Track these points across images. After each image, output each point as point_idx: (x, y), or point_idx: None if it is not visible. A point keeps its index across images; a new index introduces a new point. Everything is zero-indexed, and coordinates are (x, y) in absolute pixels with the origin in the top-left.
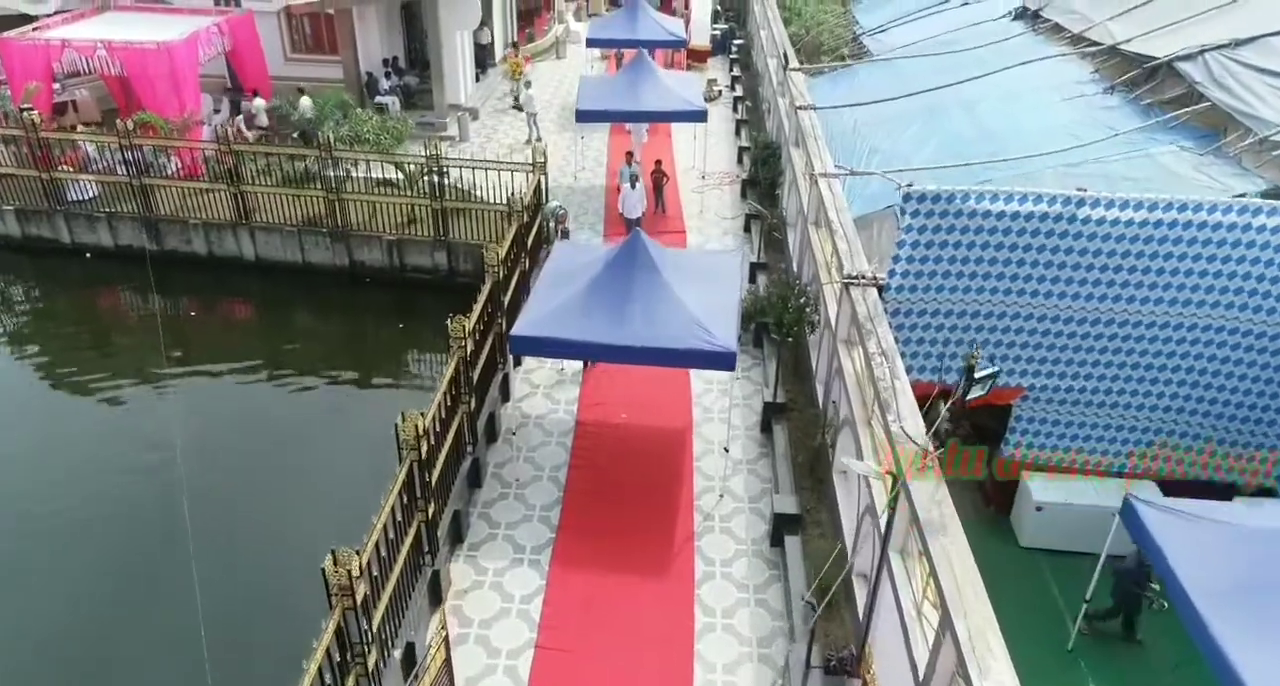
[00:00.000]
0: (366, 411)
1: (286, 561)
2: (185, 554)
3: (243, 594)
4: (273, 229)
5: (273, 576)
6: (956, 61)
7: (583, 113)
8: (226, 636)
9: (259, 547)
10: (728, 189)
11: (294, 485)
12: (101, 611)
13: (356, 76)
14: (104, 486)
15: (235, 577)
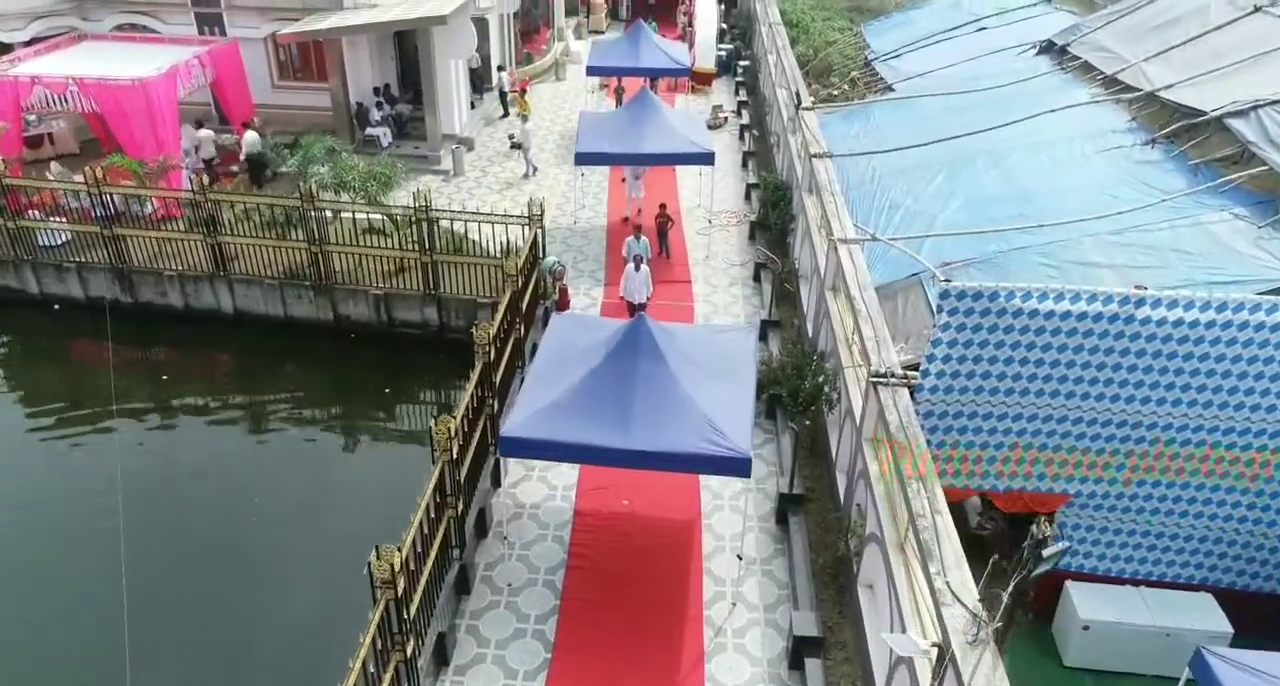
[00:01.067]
0: (350, 475)
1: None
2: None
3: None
4: (252, 281)
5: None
6: (979, 101)
7: (582, 155)
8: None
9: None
10: (735, 229)
11: (260, 562)
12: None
13: (345, 107)
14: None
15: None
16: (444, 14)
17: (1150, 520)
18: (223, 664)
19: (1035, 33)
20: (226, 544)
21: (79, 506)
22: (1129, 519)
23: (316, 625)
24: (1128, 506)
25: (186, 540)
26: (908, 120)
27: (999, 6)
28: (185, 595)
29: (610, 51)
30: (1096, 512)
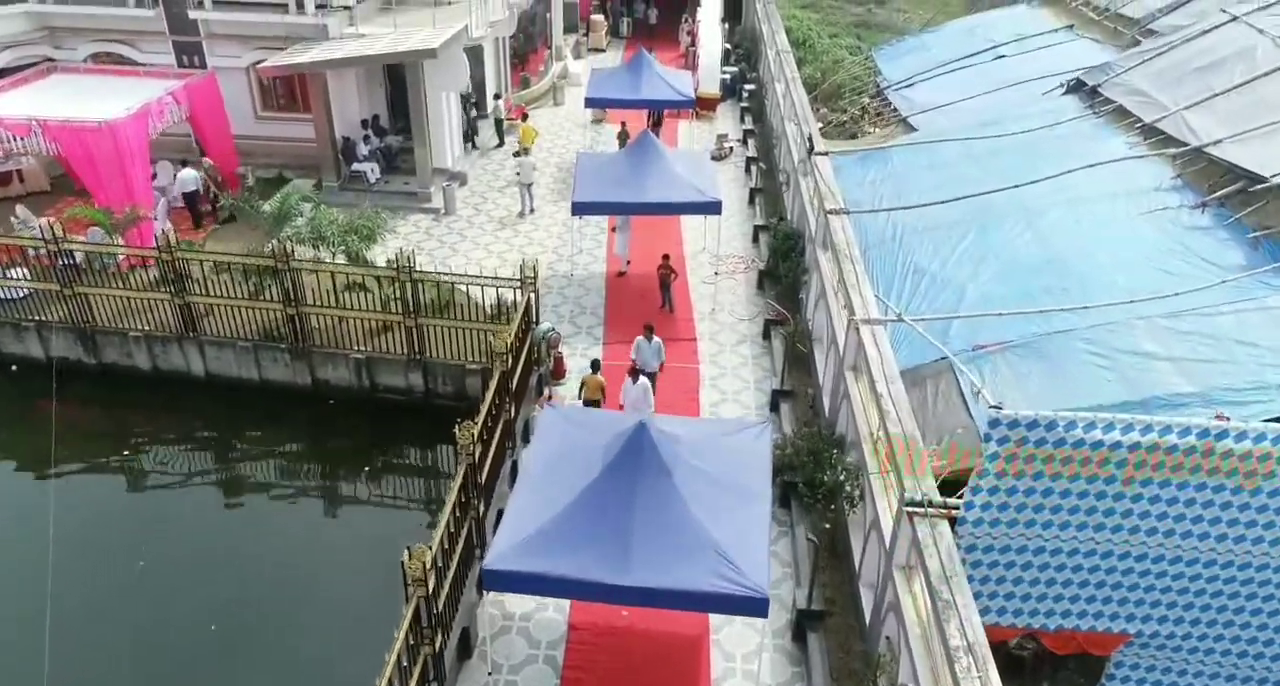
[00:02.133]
0: (321, 558)
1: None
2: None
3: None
4: (224, 343)
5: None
6: (1006, 146)
7: (580, 204)
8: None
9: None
10: (742, 277)
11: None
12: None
13: (331, 141)
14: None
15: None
16: (434, 47)
17: (1220, 662)
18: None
19: (1057, 63)
20: (183, 624)
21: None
22: (1195, 660)
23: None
24: (1195, 647)
25: (139, 616)
26: (928, 166)
27: (1017, 32)
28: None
29: (610, 81)
30: (1159, 652)
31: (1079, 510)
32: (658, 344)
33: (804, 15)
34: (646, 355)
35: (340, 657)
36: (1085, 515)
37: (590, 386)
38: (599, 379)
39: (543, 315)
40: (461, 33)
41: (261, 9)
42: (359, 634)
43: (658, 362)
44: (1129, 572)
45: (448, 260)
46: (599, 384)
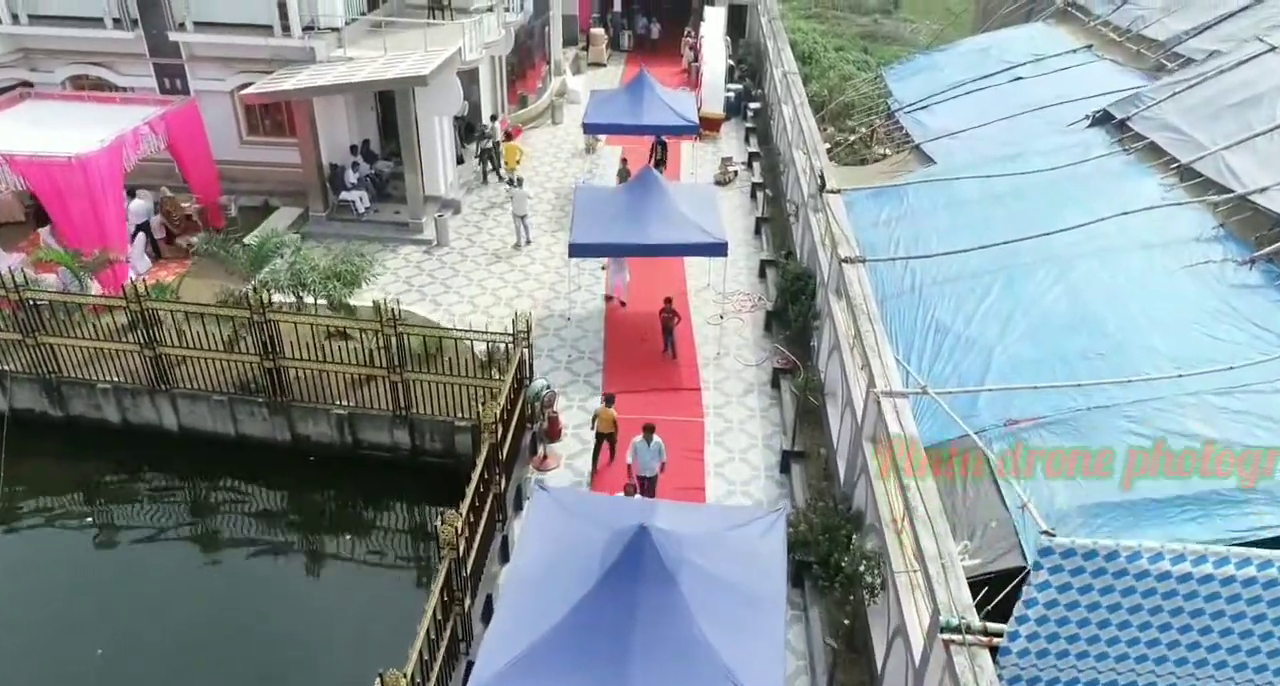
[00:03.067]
0: (296, 626)
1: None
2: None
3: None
4: (198, 396)
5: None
6: (1029, 184)
7: (578, 246)
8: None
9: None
10: (749, 317)
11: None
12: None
13: (317, 169)
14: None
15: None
16: (424, 74)
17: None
18: None
19: (1077, 86)
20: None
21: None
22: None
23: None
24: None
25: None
26: (946, 205)
27: (1033, 52)
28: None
29: (610, 105)
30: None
31: (1139, 642)
32: (658, 445)
33: (808, 27)
34: (646, 458)
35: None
36: (1146, 647)
37: (603, 419)
38: (611, 412)
39: (538, 361)
40: (454, 57)
41: (245, 31)
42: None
43: (658, 464)
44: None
45: (439, 297)
46: (611, 417)
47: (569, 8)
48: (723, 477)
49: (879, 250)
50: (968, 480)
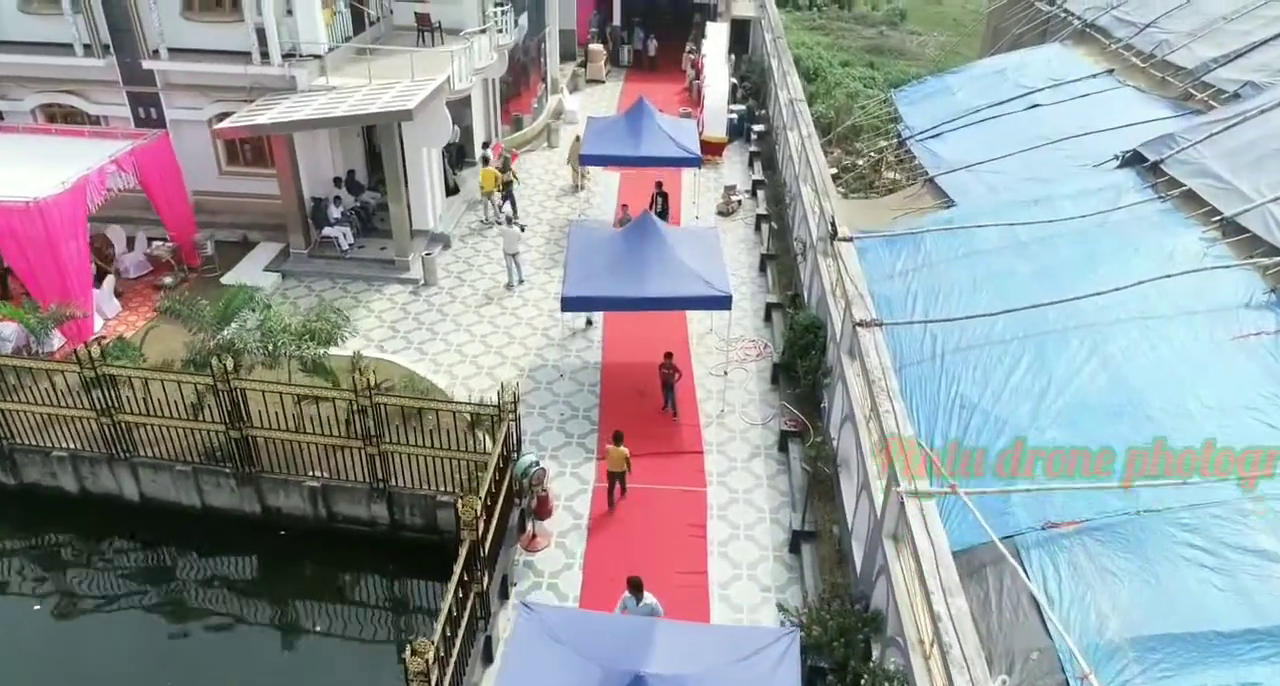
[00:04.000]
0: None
1: None
2: None
3: None
4: (160, 465)
5: None
6: (1057, 232)
7: (571, 299)
8: None
9: None
10: (754, 367)
11: None
12: None
13: (299, 203)
14: None
15: None
16: (409, 108)
17: None
18: None
19: (1100, 115)
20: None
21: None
22: None
23: None
24: None
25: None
26: (966, 254)
27: (1052, 77)
28: None
29: (607, 135)
30: None
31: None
32: (650, 604)
33: (813, 40)
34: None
35: None
36: None
37: (613, 458)
38: (622, 450)
39: (528, 419)
40: (443, 86)
41: (222, 59)
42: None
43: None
44: None
45: (425, 345)
46: (622, 455)
47: (567, 22)
48: (727, 559)
49: (895, 305)
50: (1004, 594)
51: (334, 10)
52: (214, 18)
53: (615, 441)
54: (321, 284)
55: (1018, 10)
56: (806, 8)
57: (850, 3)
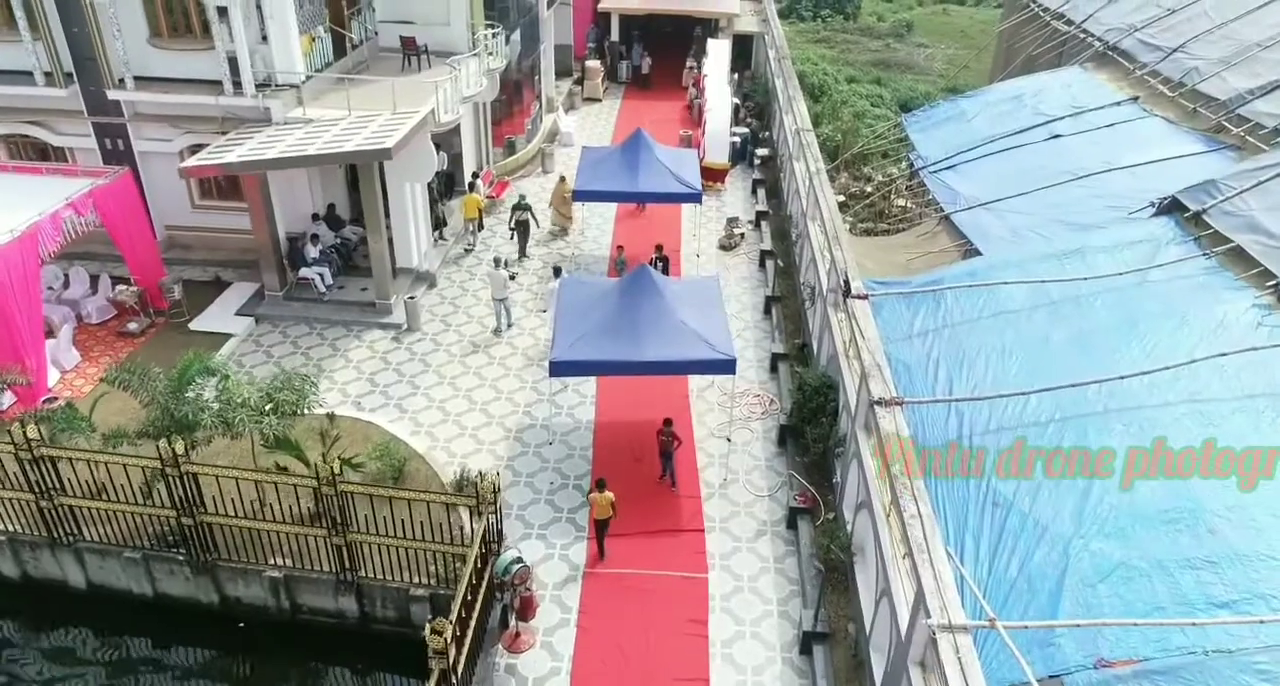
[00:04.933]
0: None
1: None
2: None
3: None
4: (108, 551)
5: None
6: (1091, 293)
7: (561, 364)
8: None
9: None
10: (759, 425)
11: None
12: None
13: (272, 244)
14: None
15: None
16: (387, 147)
17: None
18: None
19: (1126, 148)
20: None
21: None
22: None
23: None
24: None
25: None
26: (992, 314)
27: (1072, 103)
28: None
29: (603, 167)
30: None
31: None
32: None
33: (817, 54)
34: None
35: None
36: None
37: (598, 506)
38: (608, 495)
39: (515, 490)
40: (427, 119)
41: (193, 88)
42: None
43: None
44: None
45: (406, 401)
46: (609, 501)
47: (563, 37)
48: (731, 663)
49: (915, 373)
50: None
51: (313, 37)
52: (184, 45)
53: (599, 487)
54: (297, 329)
55: (1033, 29)
56: (810, 19)
57: (855, 14)
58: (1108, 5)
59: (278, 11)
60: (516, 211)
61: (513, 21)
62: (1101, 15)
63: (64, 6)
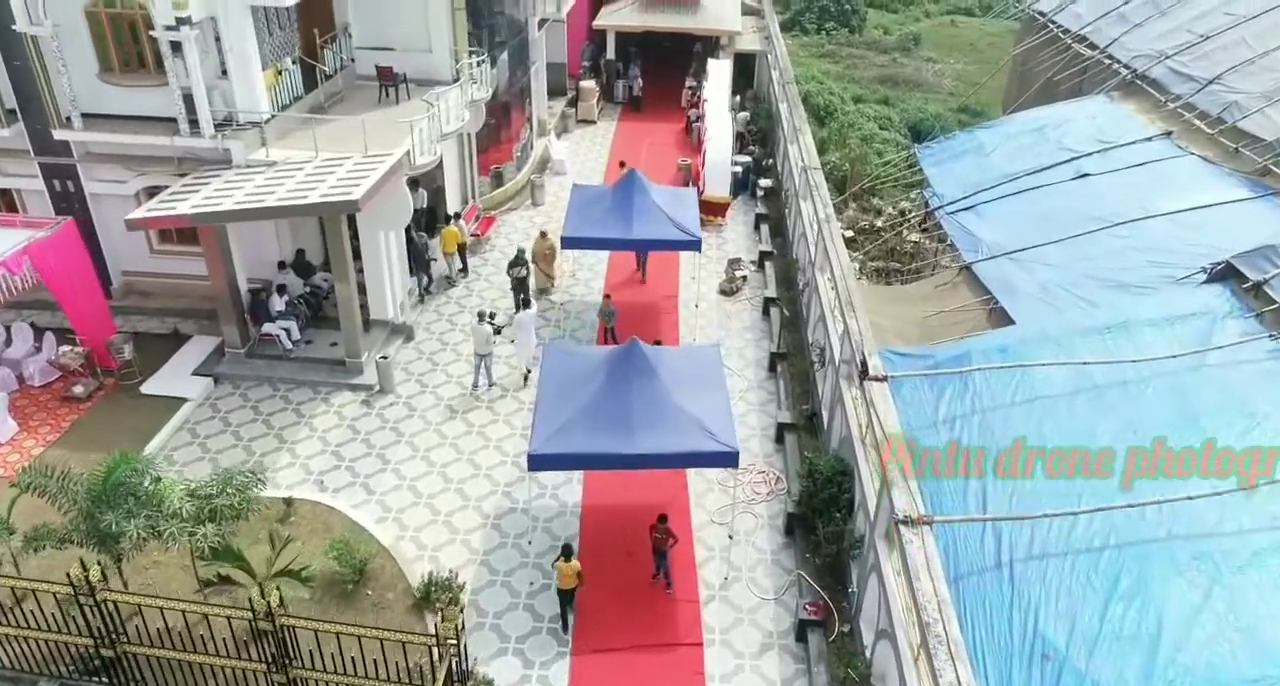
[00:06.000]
0: None
1: None
2: None
3: None
4: (21, 678)
5: None
6: (1139, 378)
7: (539, 457)
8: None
9: None
10: (764, 510)
11: None
12: None
13: (232, 297)
14: None
15: None
16: (354, 199)
17: None
18: None
19: (1161, 190)
20: None
21: None
22: None
23: None
24: None
25: None
26: (1026, 400)
27: (1099, 137)
28: None
29: (593, 212)
30: None
31: None
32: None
33: (822, 70)
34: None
35: None
36: None
37: (564, 575)
38: (574, 565)
39: (489, 590)
40: (402, 161)
41: (147, 127)
42: None
43: None
44: None
45: (373, 479)
46: (575, 571)
47: (556, 54)
48: None
49: (939, 461)
50: None
51: (279, 69)
52: (136, 80)
53: (565, 556)
54: (260, 391)
55: (1053, 52)
56: (814, 32)
57: (860, 27)
58: (1134, 29)
59: (238, 44)
60: (514, 267)
61: (500, 44)
62: (1127, 40)
63: (3, 39)
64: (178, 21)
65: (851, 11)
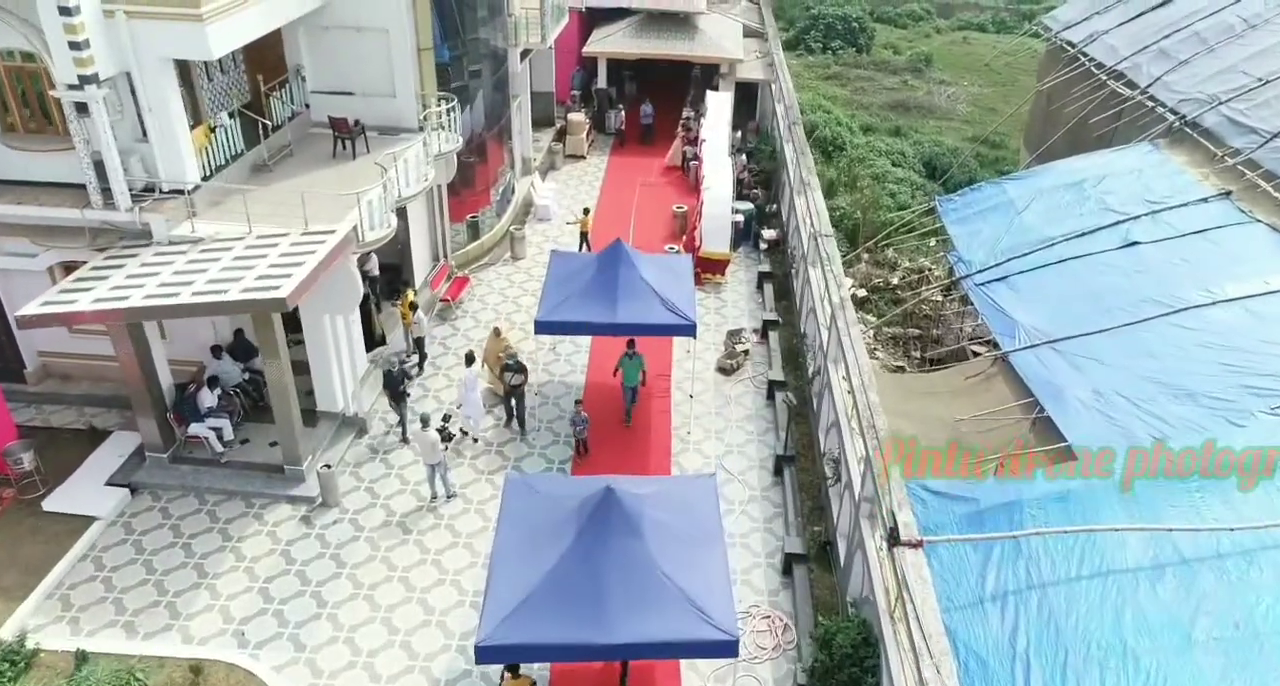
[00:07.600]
0: None
1: None
2: None
3: None
4: None
5: None
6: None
7: (490, 650)
8: None
9: None
10: (767, 669)
11: None
12: None
13: (149, 394)
14: None
15: None
16: (281, 297)
17: None
18: None
19: (1225, 264)
20: None
21: None
22: None
23: None
24: None
25: None
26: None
27: (1148, 197)
28: None
29: (573, 288)
30: None
31: None
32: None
33: (828, 95)
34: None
35: None
36: None
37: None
38: (526, 679)
39: None
40: (349, 239)
41: (53, 196)
42: None
43: None
44: None
45: (305, 630)
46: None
47: (543, 83)
48: None
49: (995, 677)
50: None
51: (211, 126)
52: (42, 144)
53: (512, 673)
54: (183, 504)
55: (1086, 90)
56: (820, 51)
57: (869, 47)
58: (1179, 67)
59: (158, 104)
60: (507, 374)
61: (477, 76)
62: (1172, 80)
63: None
64: (81, 80)
65: (859, 30)
